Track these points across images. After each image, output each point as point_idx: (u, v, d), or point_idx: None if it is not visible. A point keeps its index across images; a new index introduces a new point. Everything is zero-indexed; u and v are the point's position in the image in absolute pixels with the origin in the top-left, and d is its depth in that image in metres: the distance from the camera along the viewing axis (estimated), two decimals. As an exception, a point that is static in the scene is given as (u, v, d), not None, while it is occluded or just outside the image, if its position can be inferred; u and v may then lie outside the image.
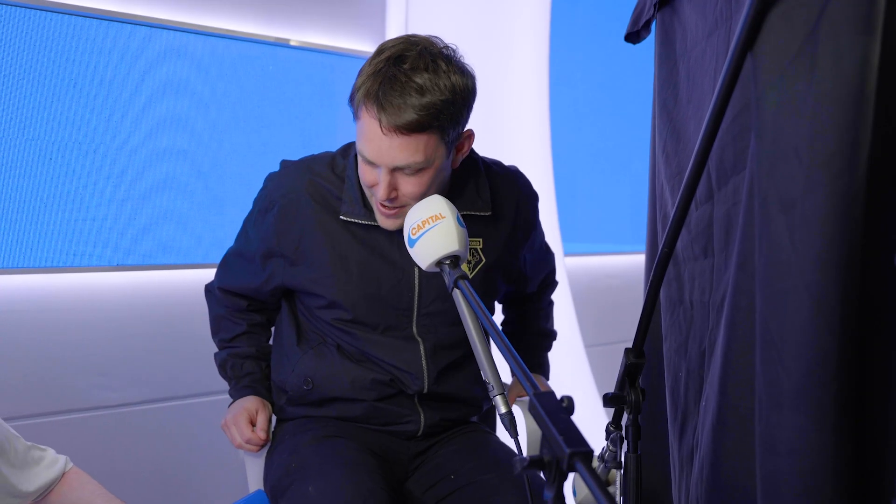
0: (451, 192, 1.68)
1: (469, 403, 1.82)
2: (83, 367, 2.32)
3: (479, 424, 1.88)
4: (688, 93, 1.61)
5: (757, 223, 1.25)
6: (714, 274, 1.48)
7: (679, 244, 1.58)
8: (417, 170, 1.55)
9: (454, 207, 1.44)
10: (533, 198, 1.84)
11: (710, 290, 1.49)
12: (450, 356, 1.74)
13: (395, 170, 1.55)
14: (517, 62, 3.16)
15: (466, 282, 1.33)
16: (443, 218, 1.40)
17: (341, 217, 1.67)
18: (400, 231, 1.63)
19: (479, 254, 1.73)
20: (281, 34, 2.63)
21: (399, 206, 1.59)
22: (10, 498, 1.55)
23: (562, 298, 3.06)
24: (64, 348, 2.29)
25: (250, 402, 1.79)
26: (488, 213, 1.73)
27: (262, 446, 1.78)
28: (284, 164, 1.78)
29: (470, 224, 1.70)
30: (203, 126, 2.49)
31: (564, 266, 3.22)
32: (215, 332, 1.89)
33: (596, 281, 3.61)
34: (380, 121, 1.50)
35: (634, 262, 3.65)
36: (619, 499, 1.40)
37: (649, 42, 1.84)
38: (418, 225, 1.41)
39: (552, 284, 2.03)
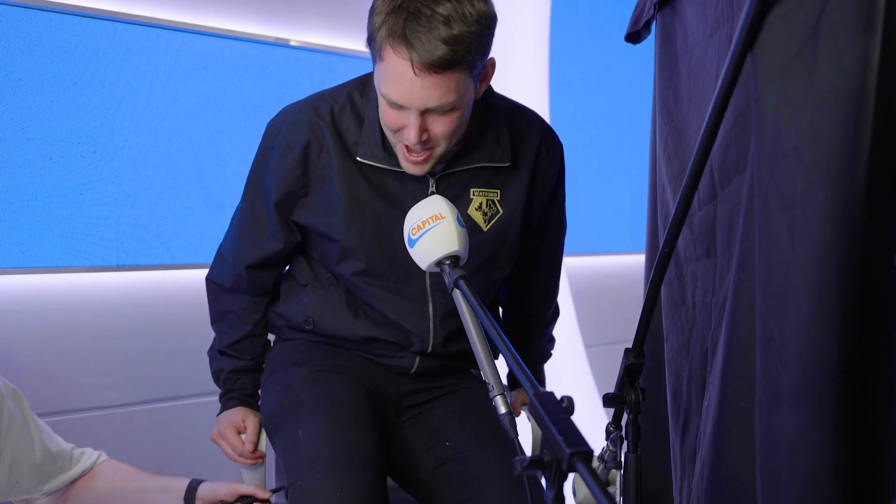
0: (470, 141, 1.63)
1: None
2: (83, 367, 2.31)
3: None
4: (689, 93, 1.60)
5: (757, 223, 1.25)
6: (717, 274, 1.48)
7: (682, 244, 1.57)
8: (449, 109, 1.50)
9: (454, 207, 1.43)
10: (555, 144, 1.77)
11: (713, 291, 1.49)
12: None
13: (425, 111, 1.49)
14: (517, 62, 3.16)
15: (467, 282, 1.33)
16: (443, 218, 1.39)
17: (358, 158, 1.62)
18: (416, 179, 1.60)
19: (496, 206, 1.69)
20: (281, 34, 2.63)
21: (430, 147, 1.54)
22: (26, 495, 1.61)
23: (562, 298, 3.05)
24: (64, 348, 2.29)
25: (236, 414, 1.80)
26: (507, 164, 1.68)
27: (256, 459, 1.78)
28: (293, 107, 1.70)
29: (488, 175, 1.67)
30: (203, 126, 2.48)
31: (564, 266, 3.21)
32: (216, 320, 1.85)
33: (596, 281, 3.60)
34: (411, 60, 1.43)
35: (634, 262, 3.64)
36: (619, 499, 1.40)
37: (649, 42, 1.84)
38: (418, 225, 1.40)
39: (556, 306, 2.01)
